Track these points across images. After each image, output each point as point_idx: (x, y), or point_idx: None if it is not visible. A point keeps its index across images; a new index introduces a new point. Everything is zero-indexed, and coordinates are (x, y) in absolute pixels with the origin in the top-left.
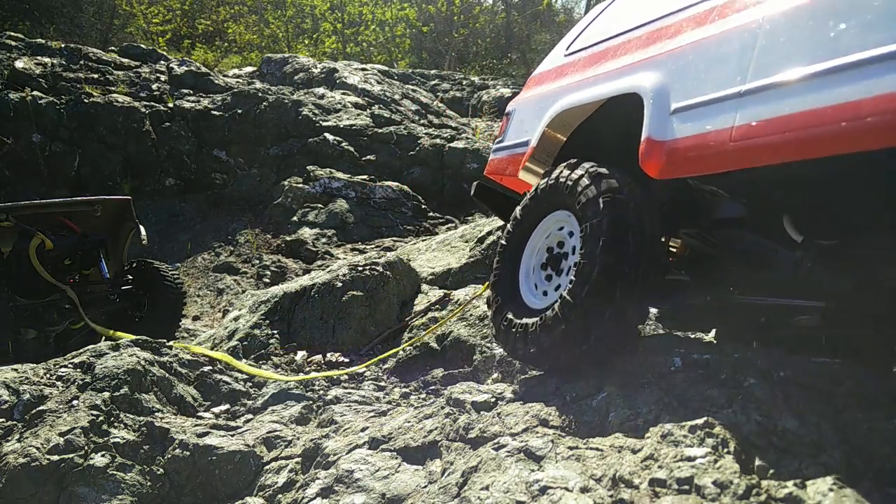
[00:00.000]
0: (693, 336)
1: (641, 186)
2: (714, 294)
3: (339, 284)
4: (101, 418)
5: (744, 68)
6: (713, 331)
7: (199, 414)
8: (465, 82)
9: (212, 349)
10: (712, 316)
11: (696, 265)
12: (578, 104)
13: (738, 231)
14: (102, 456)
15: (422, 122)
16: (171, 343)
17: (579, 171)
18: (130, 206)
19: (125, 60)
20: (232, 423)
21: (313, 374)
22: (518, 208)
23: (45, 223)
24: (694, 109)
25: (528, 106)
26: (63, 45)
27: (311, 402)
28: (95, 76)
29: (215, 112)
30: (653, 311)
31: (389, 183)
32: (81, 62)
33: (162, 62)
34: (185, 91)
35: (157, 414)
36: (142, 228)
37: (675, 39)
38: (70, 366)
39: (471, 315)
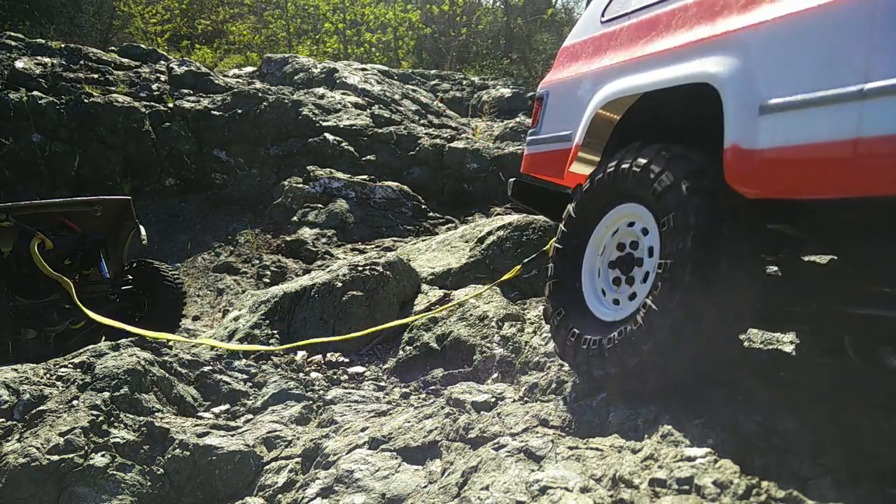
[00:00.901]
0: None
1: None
2: (820, 299)
3: (339, 284)
4: (101, 418)
5: (865, 54)
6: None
7: (199, 414)
8: (465, 82)
9: (211, 349)
10: (808, 322)
11: (797, 266)
12: (631, 93)
13: (858, 233)
14: (102, 456)
15: (422, 122)
16: (170, 338)
17: (649, 154)
18: (131, 206)
19: (125, 60)
20: (232, 423)
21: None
22: (571, 206)
23: (46, 223)
24: (796, 110)
25: (564, 89)
26: (63, 45)
27: (311, 402)
28: (95, 76)
29: (215, 112)
30: None
31: (389, 183)
32: (81, 62)
33: (162, 62)
34: (185, 91)
35: (157, 414)
36: (142, 228)
37: (762, 9)
38: (70, 366)
39: (471, 315)
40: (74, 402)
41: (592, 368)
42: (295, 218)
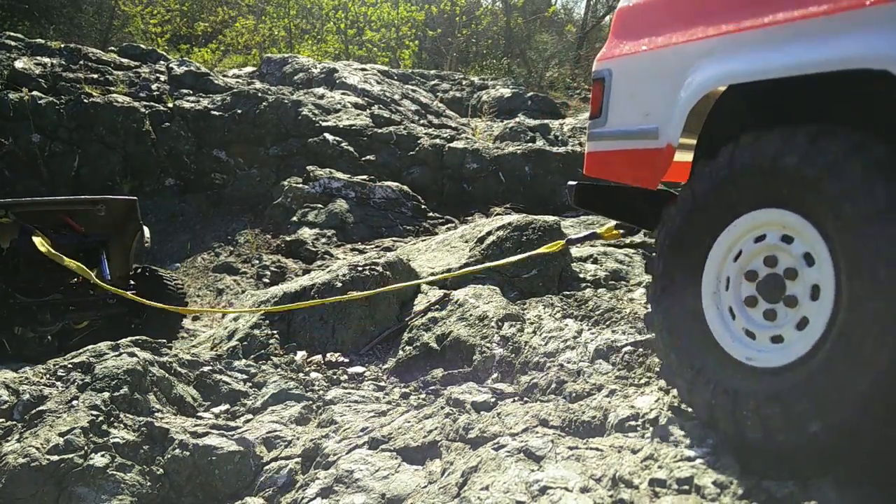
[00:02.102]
0: None
1: None
2: None
3: (339, 285)
4: (100, 418)
5: None
6: None
7: (199, 414)
8: (464, 82)
9: (211, 349)
10: None
11: None
12: (762, 76)
13: None
14: (102, 456)
15: (422, 122)
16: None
17: (802, 142)
18: (136, 207)
19: (125, 60)
20: (232, 423)
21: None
22: (672, 215)
23: (47, 221)
24: None
25: (638, 67)
26: (63, 46)
27: (310, 402)
28: (95, 76)
29: (215, 112)
30: None
31: (389, 183)
32: (81, 62)
33: (161, 62)
34: (185, 91)
35: (156, 414)
36: (146, 230)
37: None
38: (70, 366)
39: (470, 315)
40: (74, 403)
41: (758, 436)
42: (295, 218)
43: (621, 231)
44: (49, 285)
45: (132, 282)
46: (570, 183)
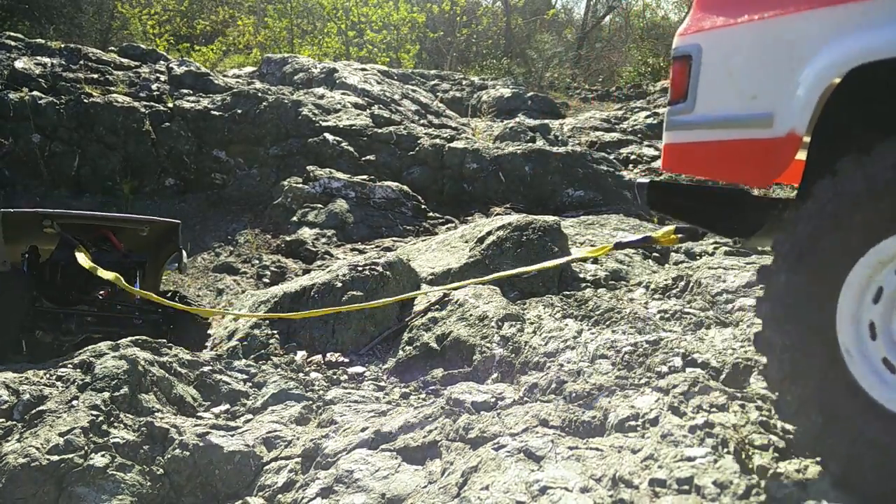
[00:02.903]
0: (694, 334)
1: None
2: None
3: (339, 284)
4: (101, 418)
5: None
6: None
7: (199, 414)
8: (464, 82)
9: (211, 349)
10: None
11: None
12: None
13: None
14: (102, 456)
15: (422, 122)
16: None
17: None
18: (178, 231)
19: (125, 60)
20: (232, 423)
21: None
22: (796, 225)
23: (89, 235)
24: None
25: (745, 43)
26: (63, 46)
27: (310, 402)
28: (95, 76)
29: (215, 112)
30: (653, 311)
31: (389, 183)
32: (81, 62)
33: (162, 62)
34: (185, 91)
35: (157, 414)
36: (184, 254)
37: None
38: (70, 366)
39: (471, 315)
40: (74, 403)
41: None
42: (295, 218)
43: (680, 236)
44: (78, 296)
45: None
46: (641, 180)
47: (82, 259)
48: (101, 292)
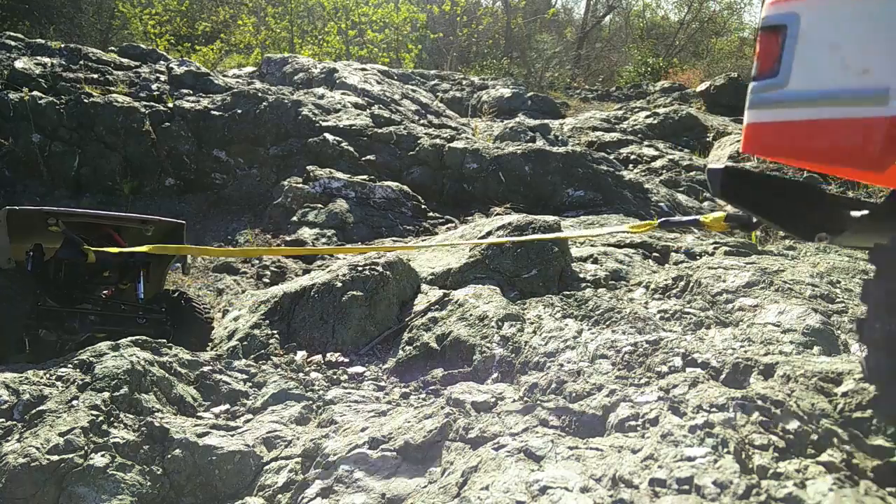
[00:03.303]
0: (694, 334)
1: None
2: None
3: (339, 284)
4: (100, 418)
5: None
6: None
7: (199, 414)
8: (464, 82)
9: (211, 349)
10: None
11: None
12: None
13: None
14: (102, 456)
15: (422, 122)
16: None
17: None
18: (183, 232)
19: (125, 60)
20: (232, 423)
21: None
22: None
23: (93, 233)
24: None
25: (856, 12)
26: (63, 46)
27: (310, 402)
28: (95, 76)
29: (215, 112)
30: (653, 310)
31: (389, 183)
32: (81, 62)
33: (162, 62)
34: (185, 91)
35: (157, 414)
36: (189, 257)
37: None
38: (70, 366)
39: (470, 315)
40: (74, 402)
41: None
42: (295, 218)
43: (731, 224)
44: (82, 295)
45: (162, 304)
46: (713, 167)
47: (88, 254)
48: (105, 291)
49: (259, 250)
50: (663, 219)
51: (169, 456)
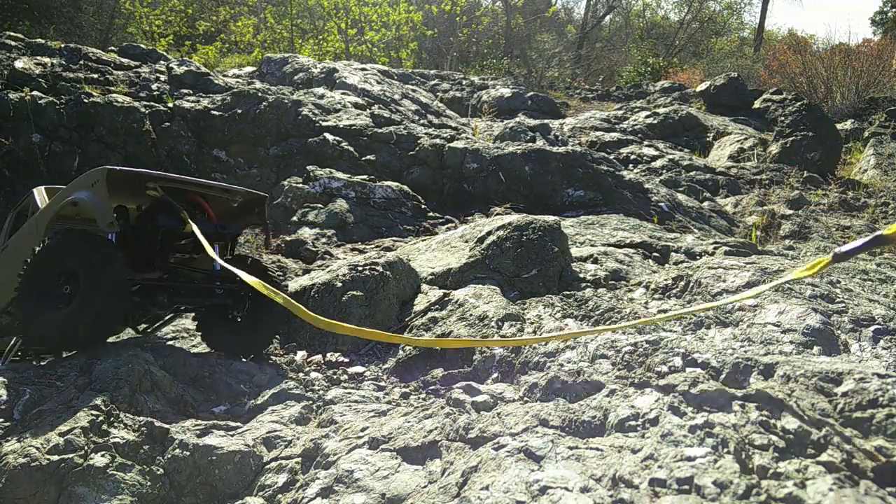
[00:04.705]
0: (694, 334)
1: None
2: None
3: (339, 284)
4: (101, 418)
5: None
6: None
7: (199, 414)
8: (465, 82)
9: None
10: None
11: None
12: None
13: None
14: (102, 456)
15: (422, 122)
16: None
17: None
18: (265, 205)
19: (125, 60)
20: (232, 423)
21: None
22: None
23: (183, 201)
24: None
25: None
26: (63, 45)
27: (311, 402)
28: (95, 76)
29: (215, 112)
30: (653, 310)
31: (389, 183)
32: (81, 62)
33: (162, 62)
34: (185, 91)
35: (157, 414)
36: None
37: None
38: (70, 366)
39: (471, 315)
40: (74, 403)
41: None
42: (295, 218)
43: None
44: (162, 263)
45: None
46: None
47: (190, 225)
48: (171, 259)
49: (402, 339)
50: (836, 251)
51: (169, 456)
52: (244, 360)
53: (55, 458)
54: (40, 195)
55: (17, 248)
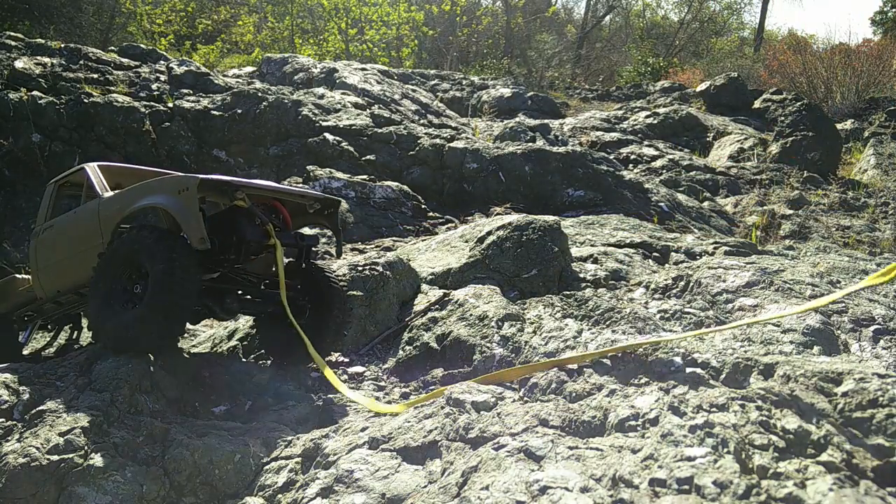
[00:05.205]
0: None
1: None
2: None
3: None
4: (100, 418)
5: None
6: None
7: (199, 414)
8: (464, 82)
9: (212, 349)
10: None
11: None
12: None
13: None
14: (102, 456)
15: (422, 122)
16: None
17: None
18: (337, 211)
19: (125, 60)
20: (232, 423)
21: (413, 399)
22: None
23: (260, 205)
24: None
25: None
26: (63, 45)
27: (311, 402)
28: (95, 76)
29: (215, 112)
30: (653, 310)
31: (389, 183)
32: (81, 62)
33: (162, 62)
34: (185, 91)
35: (157, 414)
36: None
37: None
38: (70, 366)
39: (470, 315)
40: (74, 403)
41: None
42: None
43: None
44: (226, 266)
45: (297, 277)
46: None
47: (273, 241)
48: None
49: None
50: None
51: (169, 456)
52: (244, 359)
53: (55, 458)
54: (96, 176)
55: (69, 236)
